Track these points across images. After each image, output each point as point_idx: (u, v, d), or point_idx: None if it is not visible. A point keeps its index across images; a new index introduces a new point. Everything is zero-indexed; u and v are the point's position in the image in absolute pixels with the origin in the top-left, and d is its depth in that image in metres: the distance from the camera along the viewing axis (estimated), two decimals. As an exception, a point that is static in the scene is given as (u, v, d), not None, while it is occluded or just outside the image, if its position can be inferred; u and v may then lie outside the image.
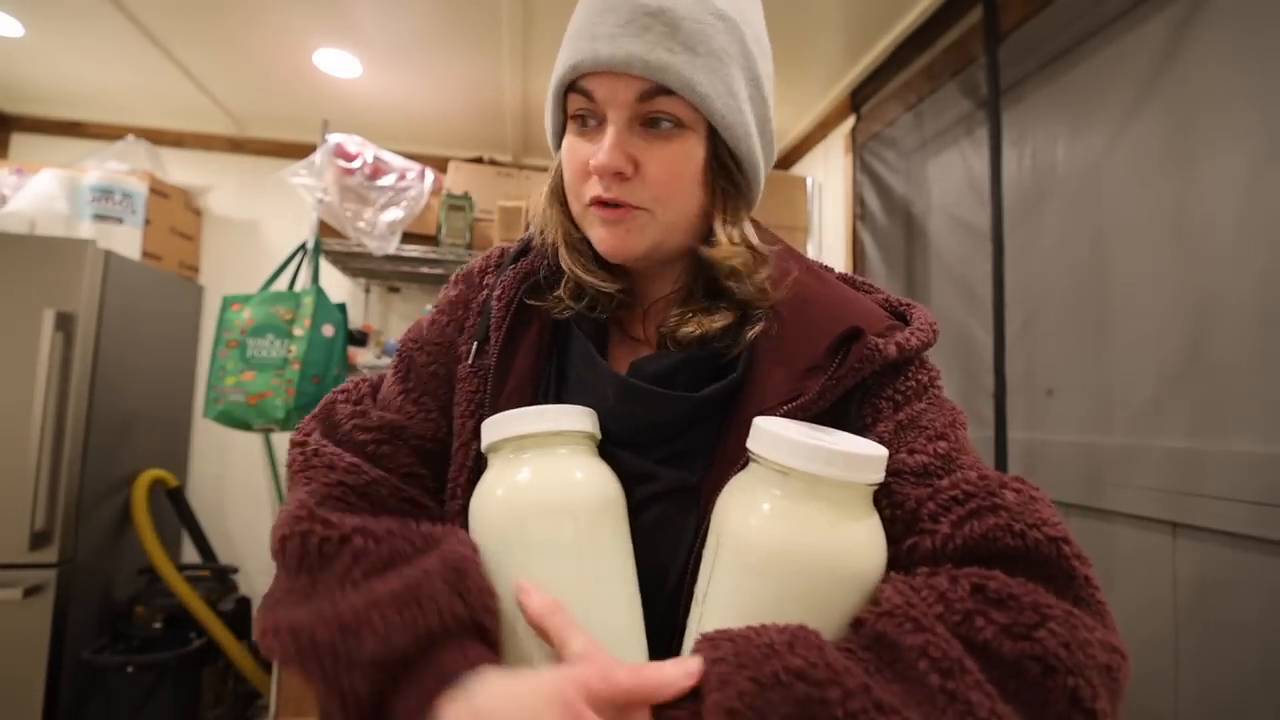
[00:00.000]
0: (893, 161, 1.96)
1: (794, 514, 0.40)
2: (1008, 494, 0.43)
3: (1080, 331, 1.34)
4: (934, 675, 0.35)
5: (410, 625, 0.38)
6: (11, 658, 1.77)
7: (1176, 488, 1.11)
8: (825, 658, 0.35)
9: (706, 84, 0.49)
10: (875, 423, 0.50)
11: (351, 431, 0.54)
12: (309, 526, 0.43)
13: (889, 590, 0.39)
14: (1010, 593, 0.38)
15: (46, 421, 1.80)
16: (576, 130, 0.53)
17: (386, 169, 2.06)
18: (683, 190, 0.52)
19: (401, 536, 0.44)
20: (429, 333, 0.62)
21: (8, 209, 2.05)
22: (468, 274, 0.65)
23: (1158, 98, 1.20)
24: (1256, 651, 0.98)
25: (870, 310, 0.54)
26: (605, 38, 0.49)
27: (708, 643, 0.37)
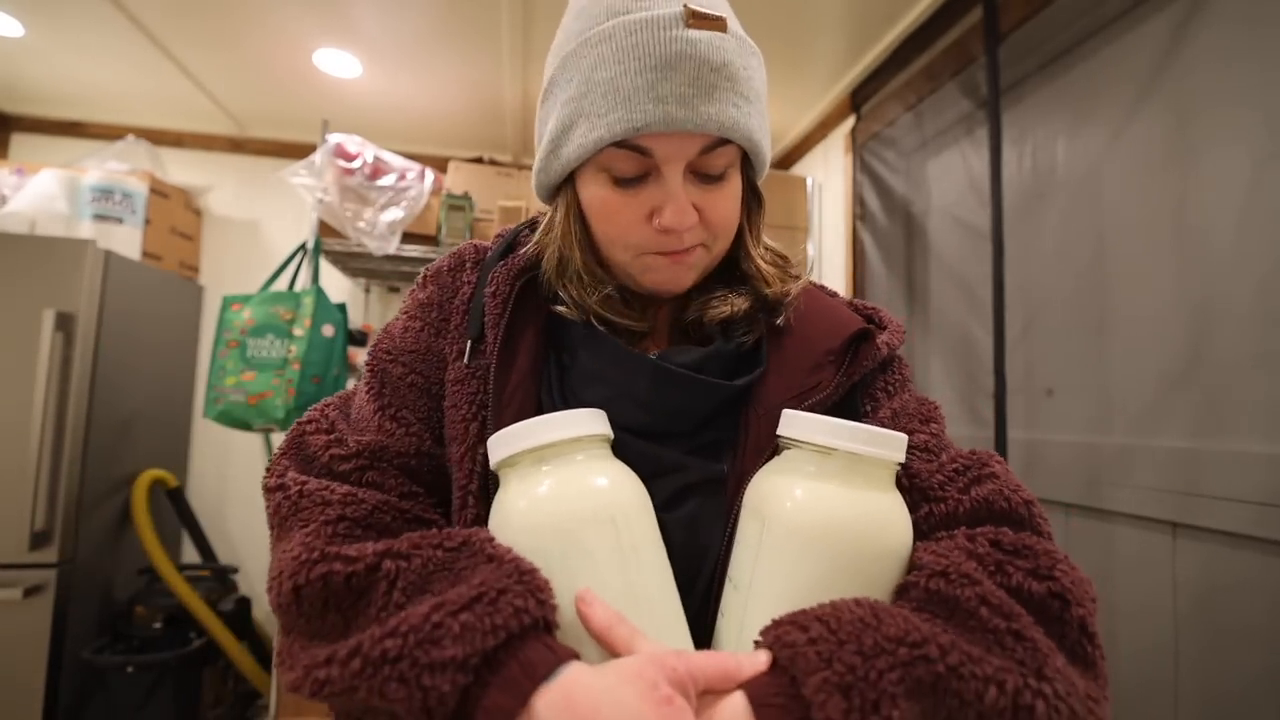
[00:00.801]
0: (893, 161, 1.96)
1: (839, 493, 0.43)
2: (995, 465, 0.50)
3: (1080, 332, 1.34)
4: (997, 619, 0.39)
5: (489, 624, 0.37)
6: (11, 658, 1.77)
7: (1176, 488, 1.11)
8: (912, 621, 0.38)
9: (758, 129, 0.52)
10: (875, 411, 0.56)
11: (330, 463, 0.51)
12: (328, 567, 0.41)
13: (926, 556, 0.43)
14: (1023, 543, 0.44)
15: (46, 421, 1.80)
16: (614, 183, 0.52)
17: (386, 169, 2.06)
18: (734, 224, 0.56)
19: (430, 546, 0.43)
20: (402, 340, 0.59)
21: (8, 209, 2.05)
22: (437, 273, 0.62)
23: (1158, 98, 1.20)
24: (1257, 652, 0.98)
25: (851, 317, 0.60)
26: (675, 100, 0.47)
27: (791, 625, 0.38)
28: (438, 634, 0.37)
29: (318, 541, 0.44)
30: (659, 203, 0.51)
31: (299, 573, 0.42)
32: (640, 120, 0.48)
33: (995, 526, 0.46)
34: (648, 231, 0.52)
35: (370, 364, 0.59)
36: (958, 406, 1.69)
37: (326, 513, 0.46)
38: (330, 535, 0.45)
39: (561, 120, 0.52)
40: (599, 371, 0.54)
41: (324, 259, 2.14)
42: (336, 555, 0.42)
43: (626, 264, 0.55)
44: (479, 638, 0.37)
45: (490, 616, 0.37)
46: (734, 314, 0.56)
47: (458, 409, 0.54)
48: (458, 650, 0.36)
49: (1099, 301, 1.31)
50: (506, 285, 0.57)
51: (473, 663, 0.36)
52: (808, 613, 0.39)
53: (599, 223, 0.54)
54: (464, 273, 0.61)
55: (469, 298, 0.59)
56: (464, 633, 0.37)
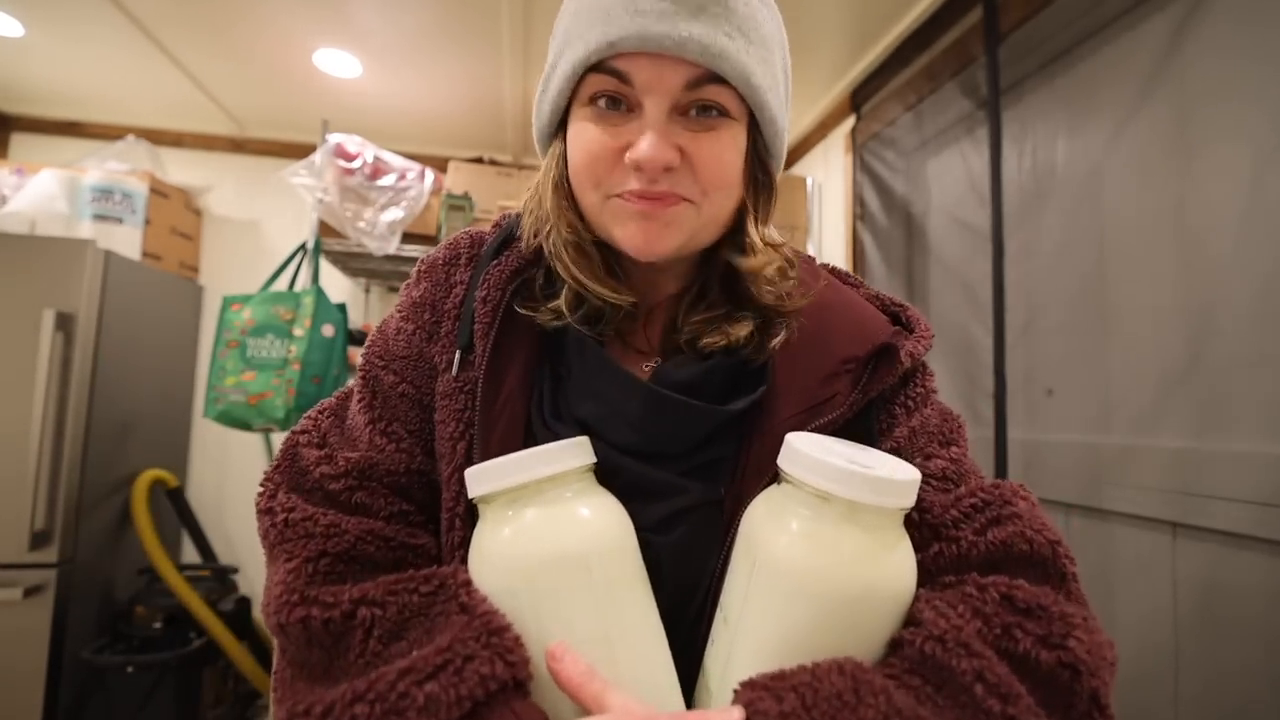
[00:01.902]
0: (893, 161, 1.96)
1: (834, 540, 0.39)
2: (1020, 503, 0.45)
3: (1080, 331, 1.34)
4: (992, 700, 0.35)
5: (453, 695, 0.37)
6: (12, 658, 1.77)
7: (1176, 488, 1.11)
8: (894, 703, 0.35)
9: (760, 74, 0.46)
10: (891, 429, 0.50)
11: (321, 481, 0.49)
12: (306, 611, 0.42)
13: (927, 611, 0.40)
14: (1038, 603, 0.39)
15: (47, 421, 1.80)
16: (596, 115, 0.47)
17: (386, 169, 2.06)
18: (729, 183, 0.48)
19: (406, 590, 0.43)
20: (395, 344, 0.55)
21: (8, 209, 2.05)
22: (431, 267, 0.57)
23: (1158, 97, 1.20)
24: (1257, 652, 0.98)
25: (876, 318, 0.54)
26: (653, 14, 0.43)
27: (766, 692, 0.36)
28: (403, 705, 0.36)
29: (298, 582, 0.43)
30: (635, 137, 0.46)
31: (281, 611, 0.42)
32: (615, 34, 0.44)
33: (1011, 575, 0.42)
34: (620, 169, 0.47)
35: (364, 368, 0.56)
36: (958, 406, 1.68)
37: (309, 547, 0.45)
38: (310, 575, 0.44)
39: (554, 52, 0.49)
40: (592, 387, 0.50)
41: (324, 259, 2.14)
42: (314, 599, 0.42)
43: (597, 209, 0.49)
44: (444, 709, 0.36)
45: (456, 687, 0.37)
46: (731, 344, 0.49)
47: (445, 425, 0.51)
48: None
49: (1099, 301, 1.31)
50: (498, 290, 0.52)
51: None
52: (786, 678, 0.36)
53: (573, 157, 0.49)
54: (458, 269, 0.56)
55: (461, 300, 0.54)
56: (429, 704, 0.36)
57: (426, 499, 0.52)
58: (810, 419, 0.48)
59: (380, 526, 0.48)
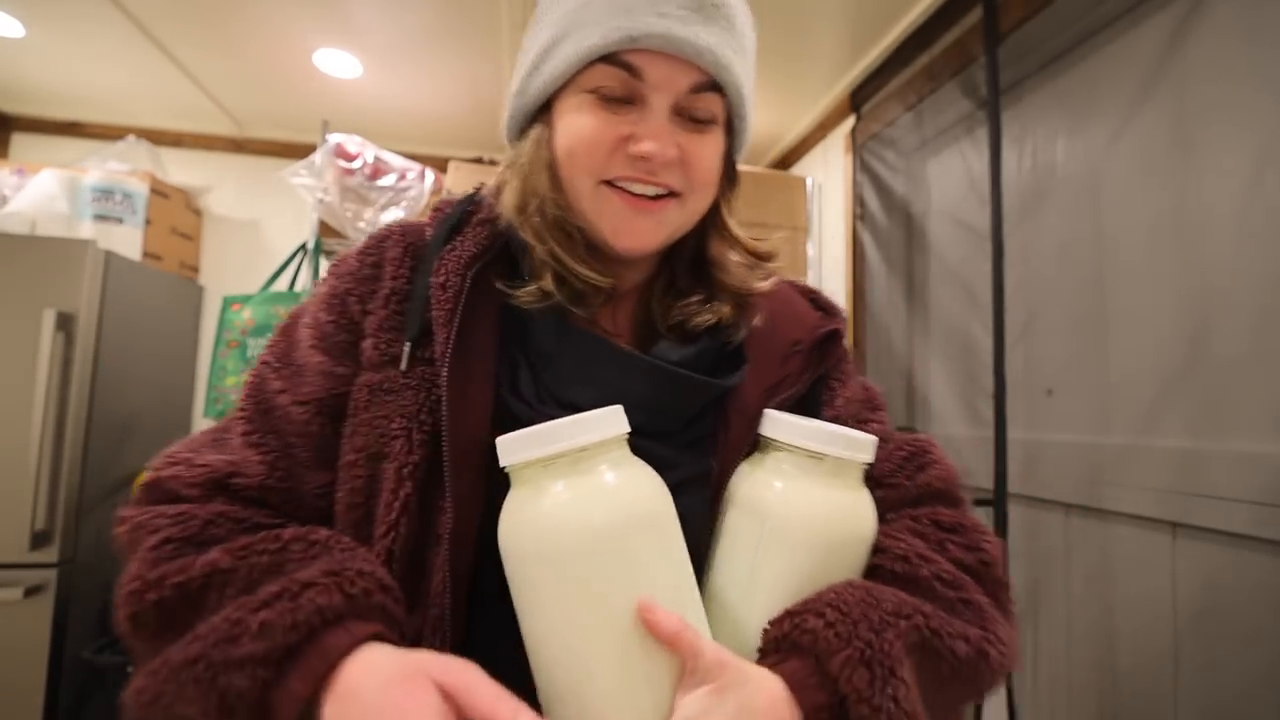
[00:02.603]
0: (893, 161, 1.96)
1: (828, 493, 0.48)
2: (935, 451, 0.57)
3: (1080, 331, 1.34)
4: (949, 590, 0.47)
5: (289, 620, 0.37)
6: (12, 658, 1.77)
7: (1176, 488, 1.11)
8: (900, 596, 0.45)
9: (747, 88, 0.51)
10: (832, 400, 0.58)
11: (174, 487, 0.48)
12: (158, 593, 0.40)
13: (887, 540, 0.50)
14: (958, 521, 0.53)
15: (47, 421, 1.80)
16: (596, 103, 0.48)
17: (386, 169, 2.06)
18: (712, 181, 0.53)
19: (255, 552, 0.42)
20: (294, 351, 0.53)
21: (8, 209, 2.05)
22: (344, 259, 0.55)
23: (1157, 98, 1.20)
24: (1257, 652, 0.98)
25: (804, 303, 0.62)
26: (677, 18, 0.46)
27: (806, 615, 0.43)
28: (235, 632, 0.37)
29: (145, 569, 0.42)
30: (639, 129, 0.48)
31: (131, 602, 0.41)
32: (640, 29, 0.46)
33: (932, 506, 0.54)
34: (619, 156, 0.48)
35: (255, 373, 0.53)
36: (958, 406, 1.69)
37: (154, 538, 0.44)
38: (155, 560, 0.42)
39: (553, 34, 0.49)
40: (586, 372, 0.50)
41: (324, 259, 2.14)
42: (163, 577, 0.41)
43: (587, 196, 0.50)
44: (279, 634, 0.37)
45: (292, 613, 0.37)
46: (719, 322, 0.53)
47: (384, 420, 0.48)
48: (256, 646, 0.36)
49: (1099, 301, 1.31)
50: (458, 275, 0.50)
51: (274, 657, 0.36)
52: (818, 600, 0.43)
53: (570, 142, 0.49)
54: (385, 260, 0.53)
55: (399, 292, 0.52)
56: (262, 630, 0.37)
57: (291, 512, 0.49)
58: (772, 395, 0.54)
59: (234, 510, 0.47)
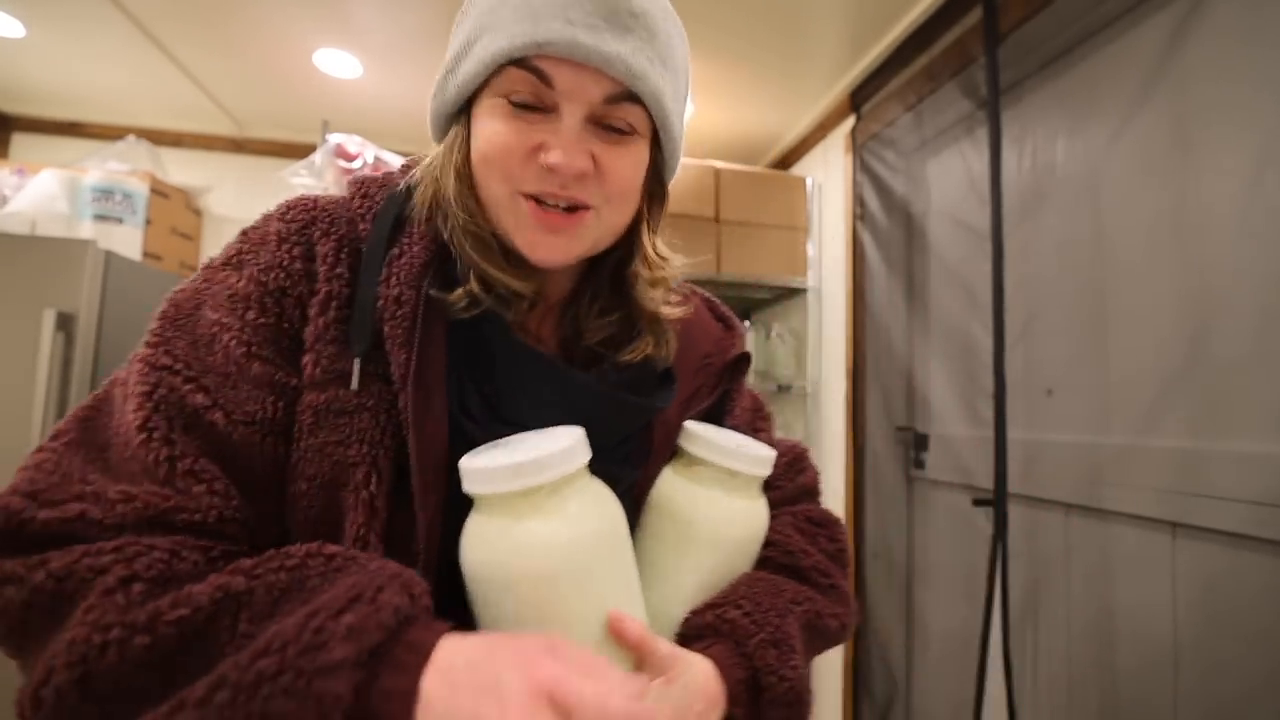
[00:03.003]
0: (893, 161, 1.96)
1: (740, 501, 0.56)
2: (808, 457, 0.71)
3: (1080, 331, 1.34)
4: (823, 578, 0.59)
5: (374, 621, 0.36)
6: (12, 657, 1.77)
7: (1176, 488, 1.11)
8: (793, 585, 0.56)
9: (670, 98, 0.50)
10: (733, 409, 0.64)
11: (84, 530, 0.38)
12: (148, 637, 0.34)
13: (776, 535, 0.60)
14: (825, 517, 0.66)
15: (47, 421, 1.80)
16: (508, 110, 0.47)
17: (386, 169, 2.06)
18: (631, 193, 0.51)
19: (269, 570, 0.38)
20: (207, 354, 0.44)
21: (8, 209, 2.05)
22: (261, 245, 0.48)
23: (1157, 98, 1.20)
24: (1257, 651, 0.98)
25: (709, 318, 0.66)
26: (584, 26, 0.44)
27: (724, 607, 0.51)
28: (320, 639, 0.35)
29: (114, 615, 0.35)
30: (550, 139, 0.46)
31: (100, 657, 0.34)
32: (544, 36, 0.44)
33: (806, 502, 0.68)
34: (531, 167, 0.47)
35: (150, 383, 0.42)
36: (958, 406, 1.69)
37: (107, 579, 0.36)
38: (124, 605, 0.35)
39: (468, 35, 0.49)
40: (530, 391, 0.50)
41: (324, 259, 2.14)
42: (152, 618, 0.35)
43: (502, 204, 0.48)
44: (367, 635, 0.36)
45: (375, 615, 0.36)
46: (648, 358, 0.54)
47: (340, 447, 0.44)
48: (348, 650, 0.35)
49: (1099, 301, 1.31)
50: (411, 289, 0.47)
51: (363, 659, 0.35)
52: (734, 593, 0.53)
53: (483, 147, 0.47)
54: (317, 253, 0.48)
55: (342, 295, 0.47)
56: (350, 634, 0.35)
57: (252, 541, 0.43)
58: (689, 407, 0.59)
59: (191, 539, 0.40)
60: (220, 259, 0.49)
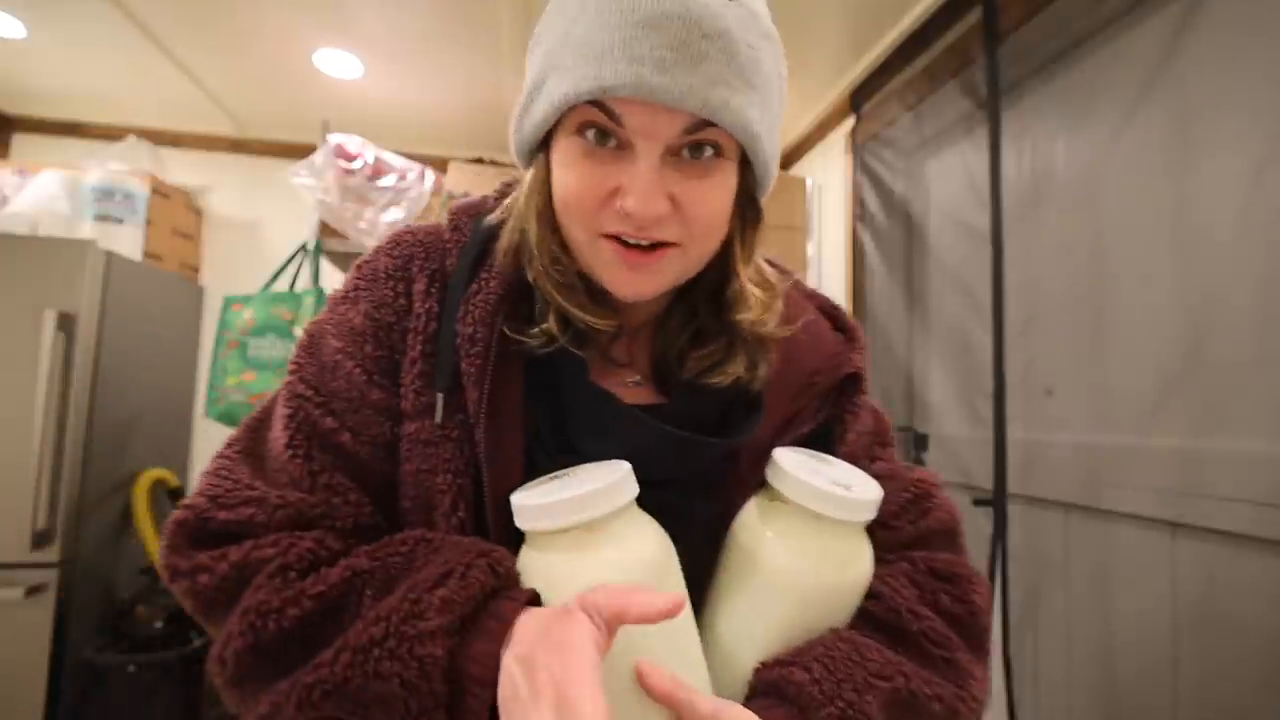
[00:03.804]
0: (892, 162, 1.96)
1: (826, 549, 0.48)
2: (938, 494, 0.58)
3: (1080, 331, 1.34)
4: (935, 649, 0.48)
5: (463, 595, 0.41)
6: (13, 657, 1.77)
7: (1176, 488, 1.11)
8: (885, 655, 0.47)
9: (758, 120, 0.45)
10: (844, 435, 0.57)
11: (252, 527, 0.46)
12: (299, 608, 0.42)
13: (881, 586, 0.51)
14: (952, 570, 0.54)
15: (48, 421, 1.80)
16: (584, 149, 0.45)
17: (387, 169, 2.06)
18: (719, 225, 0.48)
19: (387, 554, 0.44)
20: (334, 381, 0.50)
21: (10, 209, 2.06)
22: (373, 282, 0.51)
23: (1157, 98, 1.20)
24: (1256, 652, 0.98)
25: (827, 331, 0.59)
26: (652, 63, 0.40)
27: (792, 667, 0.44)
28: (419, 608, 0.40)
29: (269, 596, 0.42)
30: (625, 183, 0.44)
31: (259, 628, 0.41)
32: (610, 79, 0.41)
33: (931, 548, 0.55)
34: (608, 210, 0.45)
35: (291, 407, 0.49)
36: (958, 406, 1.69)
37: (269, 568, 0.43)
38: (280, 586, 0.43)
39: (538, 72, 0.47)
40: (601, 426, 0.49)
41: (325, 259, 2.14)
42: (298, 595, 0.42)
43: (584, 247, 0.48)
44: (457, 607, 0.40)
45: (464, 589, 0.41)
46: (738, 382, 0.51)
47: (429, 475, 0.48)
48: (442, 619, 0.40)
49: (1099, 301, 1.31)
50: (485, 326, 0.48)
51: (455, 627, 0.40)
52: (807, 653, 0.45)
53: (561, 193, 0.47)
54: (412, 285, 0.51)
55: (429, 330, 0.50)
56: (444, 605, 0.40)
57: None
58: (784, 433, 0.54)
59: (330, 538, 0.46)
60: (340, 292, 0.53)
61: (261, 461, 0.50)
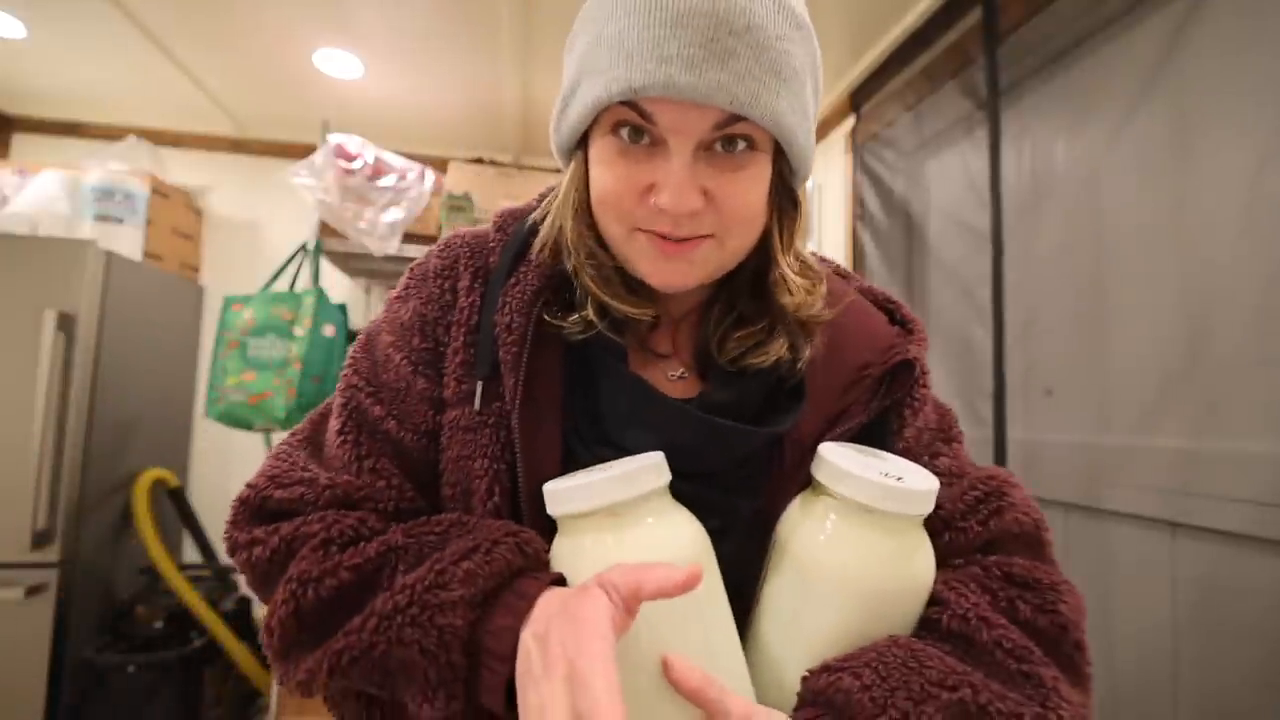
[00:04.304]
0: (892, 162, 1.97)
1: (878, 546, 0.45)
2: (1013, 492, 0.53)
3: (1080, 331, 1.34)
4: (1011, 661, 0.43)
5: (487, 570, 0.42)
6: (13, 657, 1.77)
7: (1176, 488, 1.11)
8: (947, 663, 0.42)
9: (788, 112, 0.45)
10: (901, 430, 0.54)
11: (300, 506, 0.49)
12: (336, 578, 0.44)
13: (947, 592, 0.47)
14: (1032, 576, 0.48)
15: (48, 421, 1.80)
16: (619, 148, 0.46)
17: (387, 169, 2.06)
18: (754, 217, 0.48)
19: (422, 532, 0.46)
20: (384, 372, 0.53)
21: (10, 210, 2.06)
22: (423, 281, 0.55)
23: (1157, 98, 1.21)
24: (1256, 652, 0.98)
25: (881, 322, 0.57)
26: (681, 61, 0.41)
27: (842, 673, 0.41)
28: (443, 580, 0.42)
29: (310, 567, 0.45)
30: (660, 179, 0.45)
31: (301, 596, 0.44)
32: (639, 80, 0.42)
33: (1006, 552, 0.51)
34: (643, 207, 0.46)
35: (347, 392, 0.53)
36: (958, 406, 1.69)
37: (313, 541, 0.46)
38: (321, 558, 0.45)
39: (573, 75, 0.48)
40: (638, 415, 0.50)
41: (324, 259, 2.14)
42: (335, 566, 0.44)
43: (621, 241, 0.49)
44: (480, 581, 0.42)
45: (489, 564, 0.42)
46: (780, 362, 0.50)
47: (469, 461, 0.50)
48: (465, 590, 0.41)
49: (1099, 301, 1.31)
50: (522, 315, 0.50)
51: (477, 600, 0.42)
52: (858, 658, 0.42)
53: (598, 190, 0.48)
54: (458, 281, 0.54)
55: (471, 322, 0.52)
56: (467, 577, 0.42)
57: None
58: (832, 427, 0.51)
59: (372, 519, 0.49)
60: (396, 292, 0.56)
61: (319, 448, 0.54)
